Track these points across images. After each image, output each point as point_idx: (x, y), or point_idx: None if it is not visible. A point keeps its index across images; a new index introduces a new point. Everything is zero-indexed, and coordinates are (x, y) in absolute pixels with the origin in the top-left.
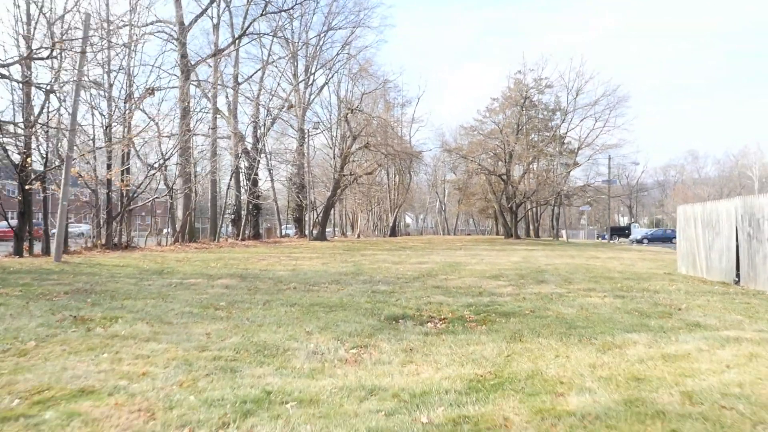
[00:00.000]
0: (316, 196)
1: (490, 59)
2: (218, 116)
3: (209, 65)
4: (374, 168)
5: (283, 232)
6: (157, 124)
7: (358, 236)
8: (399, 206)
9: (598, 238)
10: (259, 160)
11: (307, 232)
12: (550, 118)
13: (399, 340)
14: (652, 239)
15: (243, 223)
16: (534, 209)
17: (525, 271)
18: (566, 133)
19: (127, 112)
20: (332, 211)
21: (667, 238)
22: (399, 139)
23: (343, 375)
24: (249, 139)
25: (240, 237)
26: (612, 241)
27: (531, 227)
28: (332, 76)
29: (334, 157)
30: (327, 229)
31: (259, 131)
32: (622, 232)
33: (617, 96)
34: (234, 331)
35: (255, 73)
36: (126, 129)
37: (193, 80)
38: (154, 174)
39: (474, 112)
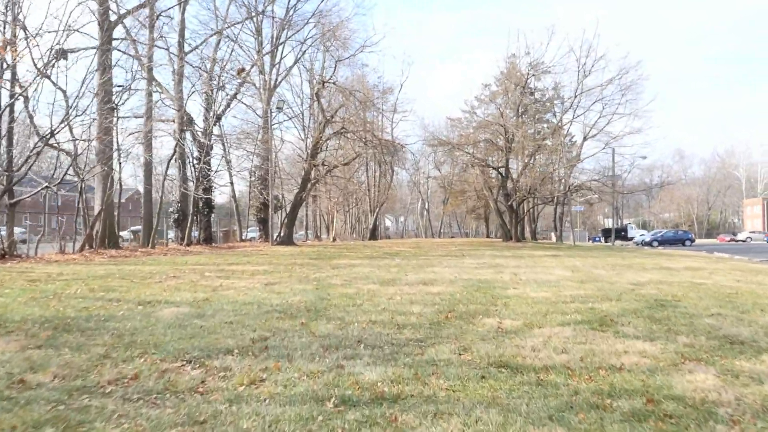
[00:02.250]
0: (285, 193)
1: (470, 60)
2: (159, 92)
3: (143, 24)
4: (352, 158)
5: (246, 236)
6: (64, 93)
7: (334, 240)
8: (380, 205)
9: (589, 240)
10: (210, 146)
11: (272, 235)
12: (550, 107)
13: None
14: (663, 241)
15: (189, 225)
16: (532, 208)
17: (631, 302)
18: (572, 120)
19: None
20: (305, 212)
21: (677, 240)
22: (380, 127)
23: None
24: (200, 124)
25: (185, 241)
26: (617, 244)
27: (529, 228)
28: (303, 54)
29: (306, 149)
30: (299, 232)
31: (212, 110)
32: (618, 233)
33: (637, 73)
34: None
35: (208, 38)
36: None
37: (118, 38)
38: (40, 149)
39: (462, 104)
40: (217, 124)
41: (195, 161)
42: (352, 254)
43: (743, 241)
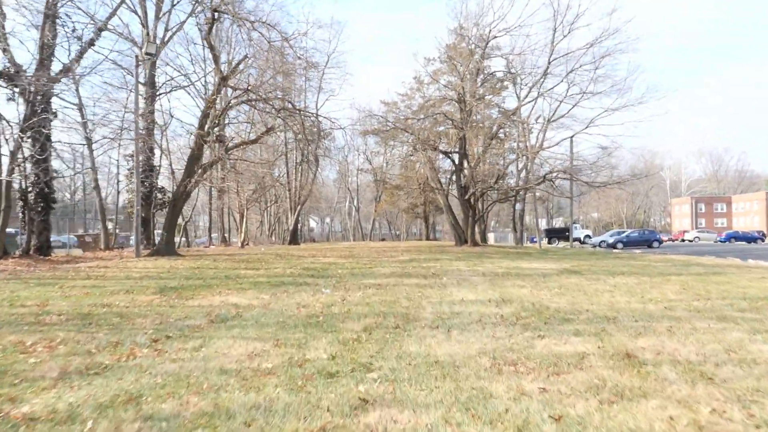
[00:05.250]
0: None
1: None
2: None
3: None
4: (263, 133)
5: (125, 241)
6: None
7: (244, 245)
8: (302, 203)
9: (527, 241)
10: (46, 107)
11: (138, 241)
12: (501, 88)
13: None
14: (628, 243)
15: (2, 225)
16: (491, 205)
17: None
18: (536, 98)
19: None
20: (209, 211)
21: (643, 241)
22: (303, 105)
23: None
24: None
25: None
26: (568, 246)
27: (478, 229)
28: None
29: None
30: (200, 237)
31: (43, 52)
32: (562, 234)
33: (622, 37)
34: None
35: None
36: None
37: None
38: None
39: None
40: (66, 79)
41: (28, 133)
42: (249, 274)
43: (691, 241)
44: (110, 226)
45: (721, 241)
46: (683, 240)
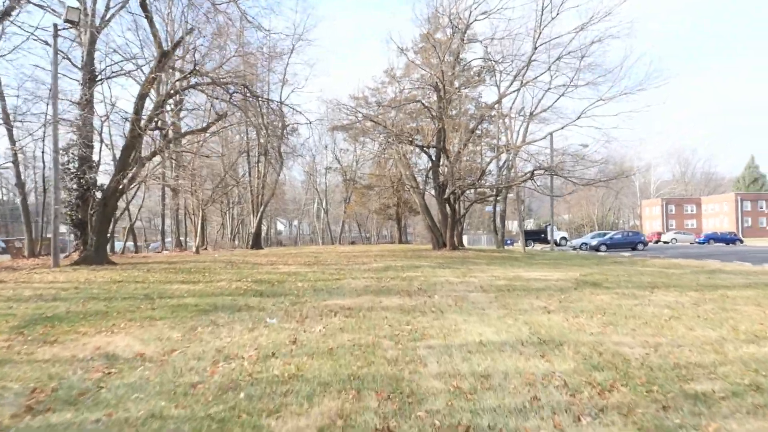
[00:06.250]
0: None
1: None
2: None
3: None
4: (213, 121)
5: (63, 246)
6: None
7: (200, 249)
8: (265, 204)
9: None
10: None
11: (55, 247)
12: (479, 81)
13: None
14: (611, 245)
15: None
16: (471, 205)
17: None
18: (519, 89)
19: None
20: (161, 211)
21: (628, 243)
22: (266, 93)
23: None
24: None
25: None
26: (535, 247)
27: (456, 231)
28: None
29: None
30: (153, 242)
31: None
32: (538, 236)
33: (615, 20)
34: None
35: None
36: None
37: None
38: None
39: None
40: None
41: None
42: (180, 291)
43: (667, 242)
44: (64, 229)
45: (699, 243)
46: (657, 242)
